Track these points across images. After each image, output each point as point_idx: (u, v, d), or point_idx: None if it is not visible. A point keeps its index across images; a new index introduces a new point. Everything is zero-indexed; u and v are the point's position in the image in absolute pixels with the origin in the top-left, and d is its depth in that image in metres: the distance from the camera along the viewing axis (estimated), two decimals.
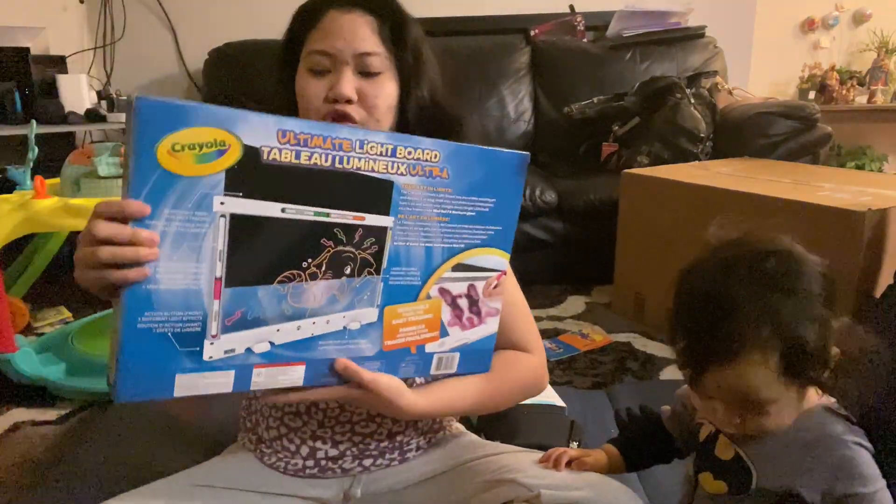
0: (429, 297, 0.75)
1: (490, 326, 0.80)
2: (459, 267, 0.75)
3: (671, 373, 1.76)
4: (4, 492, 1.28)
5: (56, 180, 1.82)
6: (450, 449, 0.92)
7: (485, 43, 3.09)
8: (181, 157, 0.58)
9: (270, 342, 0.68)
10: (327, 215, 0.66)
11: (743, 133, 2.51)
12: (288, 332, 0.68)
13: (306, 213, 0.65)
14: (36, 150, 1.81)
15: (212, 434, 1.30)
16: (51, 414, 1.58)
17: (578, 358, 1.87)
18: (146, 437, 1.40)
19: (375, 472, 0.89)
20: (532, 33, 3.15)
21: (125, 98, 3.05)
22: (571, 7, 3.20)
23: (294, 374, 0.70)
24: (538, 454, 0.85)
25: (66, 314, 2.20)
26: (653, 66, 2.95)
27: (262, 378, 0.68)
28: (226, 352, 0.65)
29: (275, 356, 0.68)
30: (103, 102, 2.98)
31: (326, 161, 0.64)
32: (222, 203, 0.61)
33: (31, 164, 1.79)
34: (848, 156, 3.48)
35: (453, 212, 0.73)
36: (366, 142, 0.66)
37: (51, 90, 2.72)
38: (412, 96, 0.84)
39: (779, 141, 2.45)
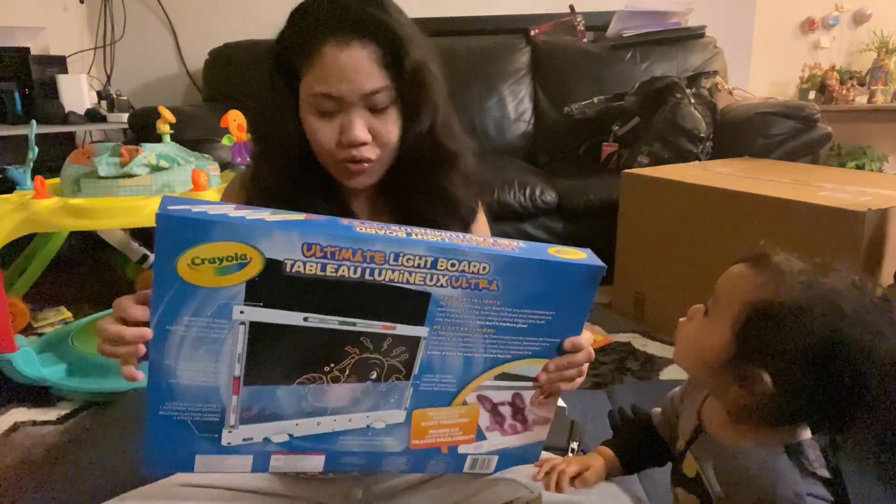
0: (465, 402, 0.71)
1: (537, 434, 0.75)
2: (504, 376, 0.70)
3: (671, 373, 1.76)
4: (4, 492, 1.28)
5: (56, 180, 1.82)
6: None
7: (485, 43, 3.09)
8: (201, 270, 0.58)
9: (289, 434, 0.68)
10: (353, 325, 0.63)
11: (743, 133, 2.51)
12: (307, 426, 0.68)
13: (330, 322, 0.63)
14: (36, 150, 1.81)
15: None
16: (51, 414, 1.58)
17: None
18: None
19: (377, 473, 0.88)
20: (532, 33, 3.15)
21: (125, 99, 3.05)
22: (571, 7, 3.20)
23: (314, 462, 0.70)
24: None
25: (66, 314, 2.20)
26: (653, 66, 2.95)
27: (281, 463, 0.69)
28: (244, 440, 0.67)
29: (293, 446, 0.68)
30: (103, 102, 2.99)
31: (356, 273, 0.61)
32: (242, 312, 0.61)
33: (31, 164, 1.79)
34: (848, 156, 3.48)
35: (500, 324, 0.67)
36: (402, 254, 0.61)
37: (51, 90, 2.72)
38: (411, 129, 0.81)
39: (779, 141, 2.44)
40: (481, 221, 0.96)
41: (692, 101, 2.58)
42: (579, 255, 0.68)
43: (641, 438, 0.85)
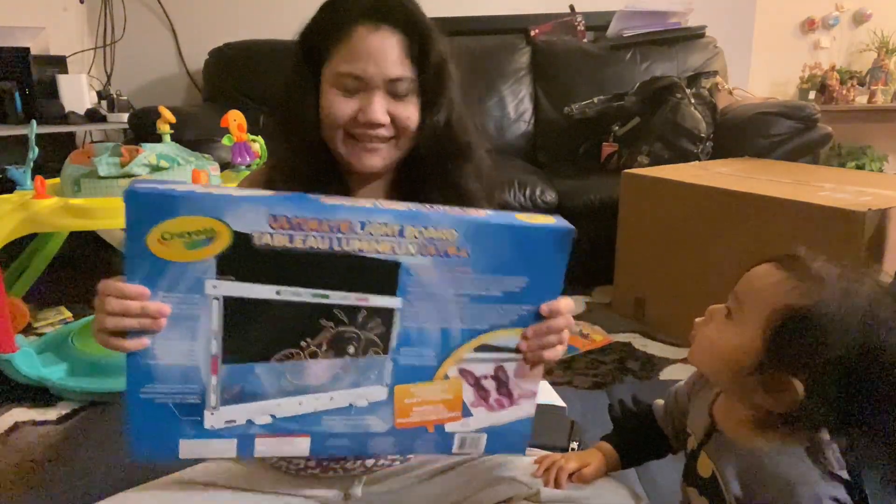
0: (447, 377, 0.70)
1: (525, 409, 0.74)
2: (484, 348, 0.69)
3: (671, 373, 1.76)
4: (4, 492, 1.28)
5: (56, 180, 1.82)
6: None
7: (485, 43, 3.09)
8: (171, 245, 0.60)
9: (272, 415, 0.67)
10: (326, 297, 0.64)
11: (743, 133, 2.51)
12: (289, 406, 0.67)
13: (303, 294, 0.64)
14: (36, 150, 1.81)
15: None
16: (51, 414, 1.58)
17: (578, 358, 1.87)
18: None
19: (377, 472, 0.88)
20: (532, 33, 3.15)
21: (125, 99, 3.05)
22: (571, 7, 3.20)
23: (299, 446, 0.69)
24: (537, 453, 0.86)
25: (66, 314, 2.20)
26: (653, 66, 2.95)
27: (266, 447, 0.68)
28: (226, 422, 0.66)
29: (277, 428, 0.68)
30: (103, 102, 2.98)
31: (323, 244, 0.62)
32: (214, 287, 0.62)
33: (32, 164, 1.79)
34: (848, 156, 3.48)
35: (475, 292, 0.66)
36: (368, 223, 0.62)
37: (51, 90, 2.72)
38: (428, 121, 0.83)
39: (779, 141, 2.44)
40: None
41: (692, 101, 2.58)
42: (548, 220, 0.69)
43: (641, 432, 0.85)
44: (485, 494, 0.81)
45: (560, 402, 1.45)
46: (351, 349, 0.66)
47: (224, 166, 2.03)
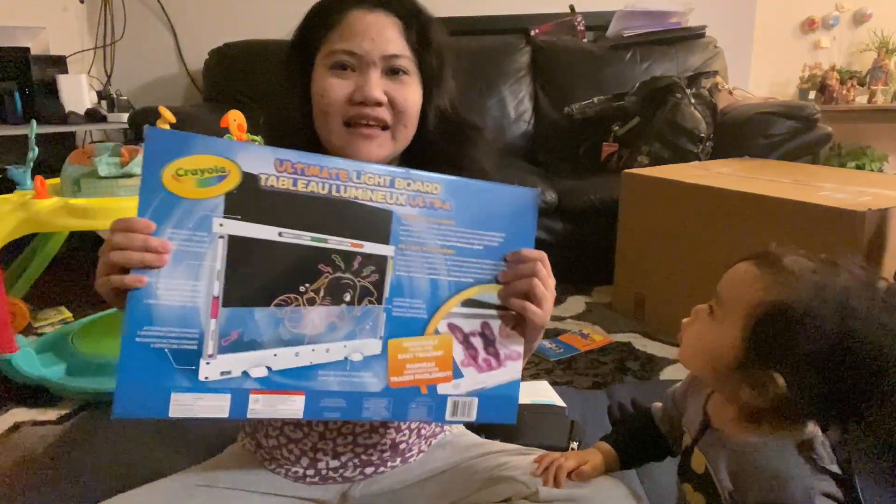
0: (437, 332, 0.72)
1: (511, 371, 0.75)
2: (470, 303, 0.73)
3: (671, 373, 1.76)
4: (4, 492, 1.28)
5: (56, 180, 1.82)
6: (450, 449, 0.92)
7: (485, 43, 3.09)
8: (184, 181, 0.63)
9: (268, 367, 0.67)
10: (324, 241, 0.68)
11: (743, 133, 2.51)
12: (286, 357, 0.68)
13: (303, 237, 0.67)
14: (36, 150, 1.81)
15: (212, 434, 1.30)
16: (51, 414, 1.58)
17: (578, 358, 1.87)
18: (146, 437, 1.40)
19: (376, 478, 0.88)
20: (532, 33, 3.15)
21: (125, 99, 3.05)
22: (571, 7, 3.20)
23: (293, 405, 0.69)
24: (537, 453, 0.85)
25: (66, 314, 2.20)
26: (653, 66, 2.95)
27: (260, 405, 0.68)
28: (222, 373, 0.66)
29: (272, 383, 0.68)
30: (103, 102, 2.99)
31: (323, 189, 0.67)
32: (221, 225, 0.65)
33: (32, 164, 1.79)
34: (848, 156, 3.48)
35: (458, 244, 0.72)
36: (363, 172, 0.69)
37: (51, 90, 2.72)
38: (433, 103, 0.82)
39: (779, 141, 2.44)
40: None
41: (692, 101, 2.58)
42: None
43: (640, 433, 0.85)
44: (483, 494, 0.81)
45: (560, 402, 1.45)
46: (347, 296, 0.69)
47: None
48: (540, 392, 1.52)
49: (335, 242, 0.68)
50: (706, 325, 0.69)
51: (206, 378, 0.65)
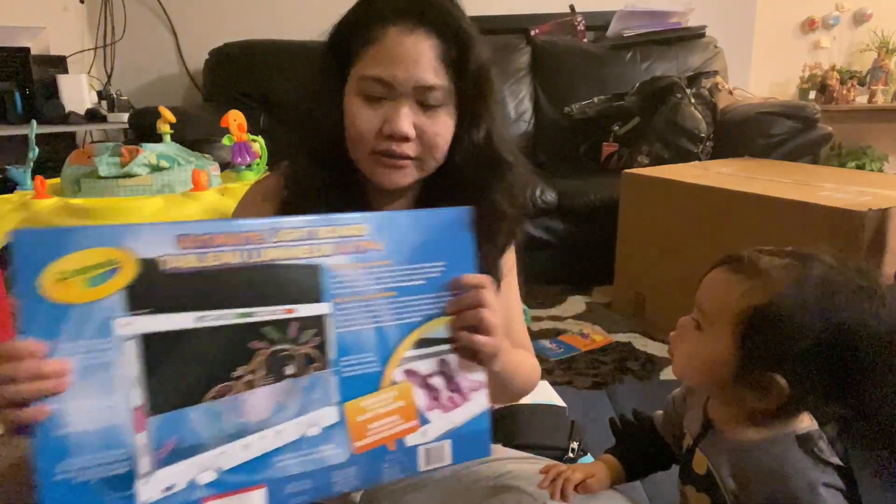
0: (394, 382, 0.66)
1: (478, 403, 0.70)
2: (422, 343, 0.67)
3: (671, 373, 1.76)
4: (4, 492, 1.28)
5: (56, 180, 1.82)
6: None
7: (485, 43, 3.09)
8: (70, 285, 0.53)
9: (217, 469, 0.59)
10: (251, 315, 0.60)
11: (743, 133, 2.51)
12: (234, 453, 0.60)
13: (226, 317, 0.59)
14: (36, 150, 1.81)
15: None
16: None
17: (579, 358, 1.87)
18: None
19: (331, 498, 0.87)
20: (532, 33, 3.15)
21: (126, 99, 3.05)
22: (571, 7, 3.20)
23: (256, 501, 0.61)
24: (542, 462, 0.84)
25: None
26: (653, 66, 2.95)
27: None
28: (165, 489, 0.57)
29: (226, 484, 0.60)
30: (103, 102, 2.99)
31: (237, 258, 0.59)
32: (128, 324, 0.55)
33: (32, 164, 1.80)
34: (848, 156, 3.48)
35: (399, 284, 0.66)
36: (278, 230, 0.60)
37: (51, 90, 2.72)
38: (465, 135, 0.78)
39: (779, 141, 2.45)
40: (510, 255, 0.90)
41: (692, 101, 2.58)
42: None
43: (645, 444, 0.84)
44: (489, 503, 0.80)
45: (560, 402, 1.45)
46: (290, 369, 0.62)
47: (224, 166, 2.03)
48: (540, 392, 1.52)
49: (263, 314, 0.60)
50: (695, 339, 0.69)
51: (149, 499, 0.57)
